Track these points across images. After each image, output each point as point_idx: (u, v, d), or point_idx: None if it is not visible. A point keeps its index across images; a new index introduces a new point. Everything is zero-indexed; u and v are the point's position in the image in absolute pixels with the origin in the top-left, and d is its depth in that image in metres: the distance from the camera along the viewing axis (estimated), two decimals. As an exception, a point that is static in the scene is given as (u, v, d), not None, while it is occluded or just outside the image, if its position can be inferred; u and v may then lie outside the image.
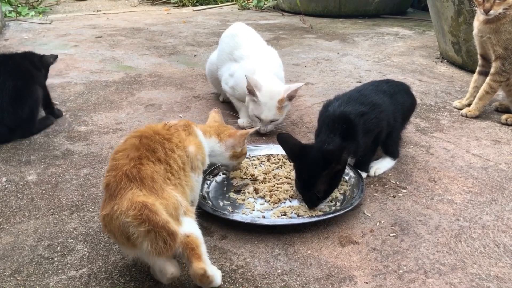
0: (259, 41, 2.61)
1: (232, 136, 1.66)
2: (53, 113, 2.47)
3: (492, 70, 2.43)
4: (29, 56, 2.47)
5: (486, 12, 2.29)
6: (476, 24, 2.44)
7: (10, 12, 5.50)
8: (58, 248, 1.50)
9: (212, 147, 1.62)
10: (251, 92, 2.22)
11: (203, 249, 1.23)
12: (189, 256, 1.20)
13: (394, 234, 1.57)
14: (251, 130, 1.73)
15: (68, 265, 1.42)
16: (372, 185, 1.87)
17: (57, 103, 2.70)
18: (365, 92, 1.87)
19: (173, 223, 1.18)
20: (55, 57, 2.58)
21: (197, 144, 1.47)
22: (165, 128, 1.41)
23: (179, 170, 1.33)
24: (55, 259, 1.45)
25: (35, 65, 2.42)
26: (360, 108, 1.75)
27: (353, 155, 1.80)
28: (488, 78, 2.45)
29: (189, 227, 1.24)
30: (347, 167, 1.87)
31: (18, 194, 1.81)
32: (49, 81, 2.61)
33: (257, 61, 2.40)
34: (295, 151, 1.66)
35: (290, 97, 2.26)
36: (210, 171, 1.87)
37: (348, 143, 1.71)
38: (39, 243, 1.52)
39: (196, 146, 1.46)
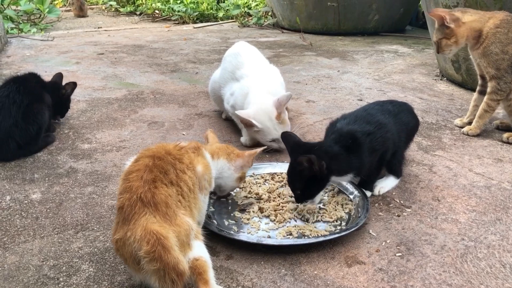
0: (261, 60, 2.63)
1: (240, 157, 1.67)
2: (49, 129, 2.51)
3: (488, 89, 2.46)
4: (50, 85, 2.59)
5: (438, 53, 2.53)
6: (468, 49, 2.50)
7: (12, 28, 5.55)
8: (64, 268, 1.49)
9: (220, 169, 1.62)
10: (249, 124, 2.25)
11: (210, 274, 1.24)
12: (196, 280, 1.21)
13: (400, 254, 1.57)
14: (259, 150, 1.73)
15: (74, 286, 1.41)
16: (376, 204, 1.87)
17: (61, 120, 2.71)
18: (371, 112, 1.89)
19: (184, 262, 1.18)
20: (72, 87, 2.68)
21: (205, 164, 1.48)
22: (176, 148, 1.42)
23: (189, 192, 1.34)
24: (61, 279, 1.44)
25: (47, 90, 2.50)
26: (366, 127, 1.77)
27: (358, 174, 1.81)
28: (486, 97, 2.49)
29: (198, 250, 1.25)
30: (351, 185, 1.89)
31: (22, 212, 1.80)
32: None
33: (253, 81, 2.43)
34: (294, 148, 1.74)
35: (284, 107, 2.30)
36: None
37: (352, 159, 1.73)
38: (44, 262, 1.51)
39: (204, 167, 1.47)
